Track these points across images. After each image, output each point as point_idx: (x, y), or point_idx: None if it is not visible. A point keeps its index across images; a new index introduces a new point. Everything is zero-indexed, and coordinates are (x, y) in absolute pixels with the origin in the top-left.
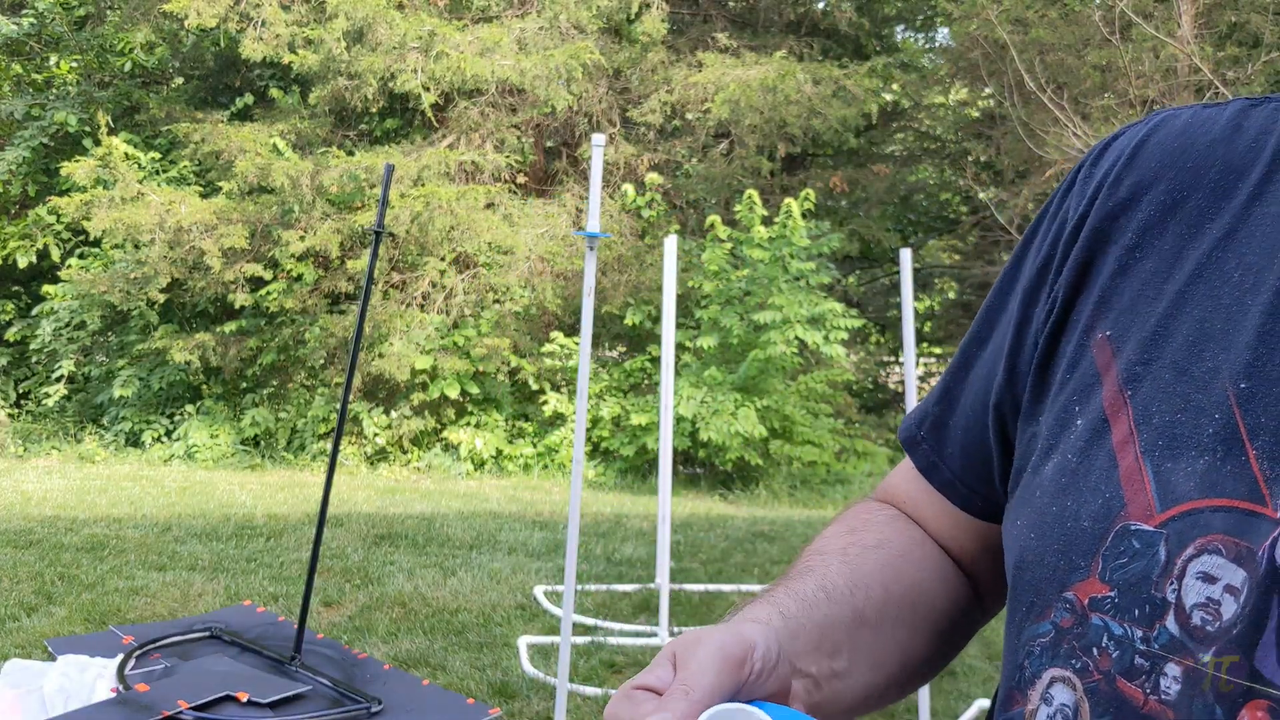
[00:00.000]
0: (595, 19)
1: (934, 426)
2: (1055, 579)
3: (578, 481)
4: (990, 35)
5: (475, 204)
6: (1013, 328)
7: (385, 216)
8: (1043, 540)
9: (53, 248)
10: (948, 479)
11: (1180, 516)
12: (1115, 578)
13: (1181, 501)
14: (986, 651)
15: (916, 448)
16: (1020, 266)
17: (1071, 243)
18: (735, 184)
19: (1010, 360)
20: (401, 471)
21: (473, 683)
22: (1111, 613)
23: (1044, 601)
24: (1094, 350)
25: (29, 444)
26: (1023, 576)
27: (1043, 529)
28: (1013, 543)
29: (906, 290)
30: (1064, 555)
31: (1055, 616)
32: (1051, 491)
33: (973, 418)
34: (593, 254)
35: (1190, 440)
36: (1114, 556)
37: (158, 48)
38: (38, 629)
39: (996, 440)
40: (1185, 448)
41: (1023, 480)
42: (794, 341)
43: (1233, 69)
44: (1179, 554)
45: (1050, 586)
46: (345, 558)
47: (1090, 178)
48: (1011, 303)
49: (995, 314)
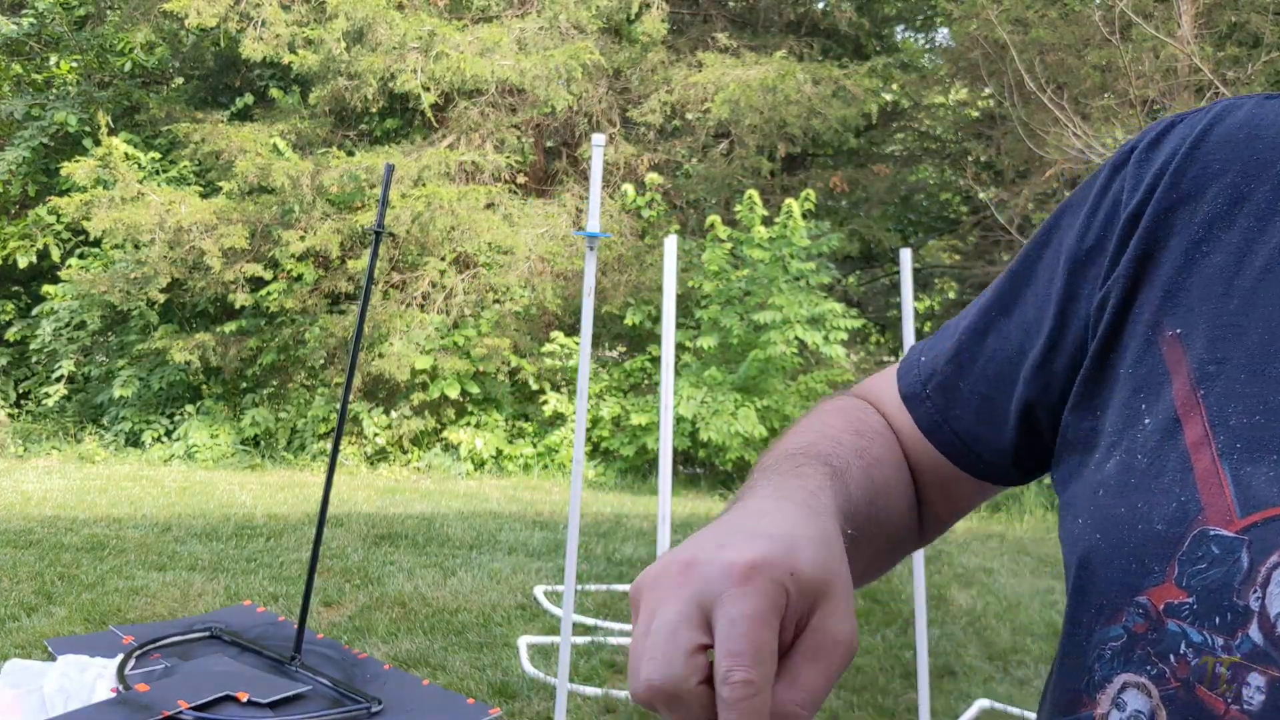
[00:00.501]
0: (595, 19)
1: (942, 387)
2: (1126, 582)
3: (578, 481)
4: (990, 35)
5: (475, 204)
6: (1055, 303)
7: (385, 216)
8: (1110, 541)
9: (53, 248)
10: (949, 439)
11: (1264, 523)
12: (1193, 584)
13: (1264, 507)
14: (987, 651)
15: (920, 404)
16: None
17: (1128, 231)
18: (735, 184)
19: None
20: (401, 471)
21: (473, 683)
22: (1189, 619)
23: (1113, 605)
24: (1162, 347)
25: (29, 444)
26: (1088, 577)
27: (1110, 530)
28: (1074, 541)
29: (906, 290)
30: (1136, 559)
31: (1128, 621)
32: (1117, 491)
33: (994, 388)
34: (593, 254)
35: (1271, 444)
36: (1191, 562)
37: (158, 48)
38: (38, 629)
39: (1019, 414)
40: (1265, 451)
41: (1079, 475)
42: (794, 342)
43: (1233, 69)
44: (1262, 561)
45: (1120, 590)
46: (345, 558)
47: (1146, 162)
48: (1043, 275)
49: (1020, 286)
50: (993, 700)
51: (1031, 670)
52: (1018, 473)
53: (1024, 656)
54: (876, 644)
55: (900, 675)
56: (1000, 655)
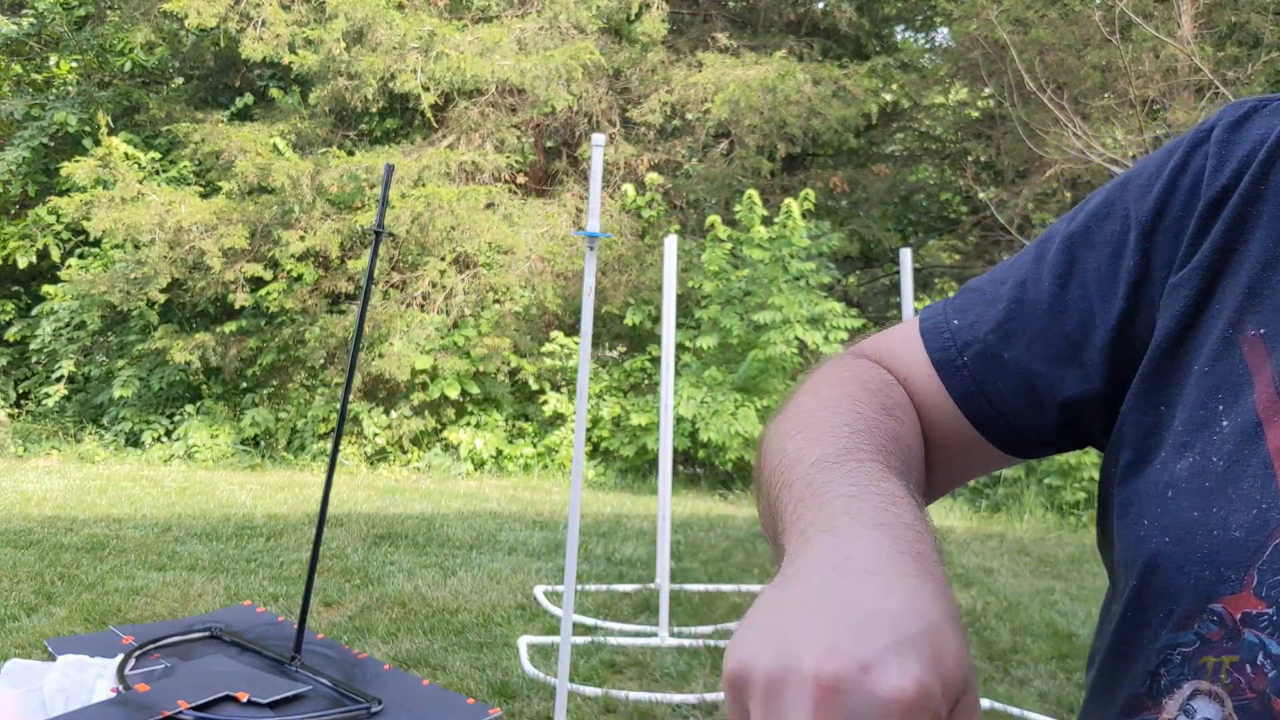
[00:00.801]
0: (595, 19)
1: (982, 355)
2: (1199, 589)
3: (578, 481)
4: (990, 35)
5: (475, 204)
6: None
7: (385, 216)
8: (1182, 546)
9: (53, 248)
10: (986, 412)
11: None
12: (1275, 594)
13: None
14: (987, 651)
15: (955, 372)
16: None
17: (1210, 217)
18: (735, 184)
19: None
20: (401, 471)
21: (473, 683)
22: (1269, 630)
23: (1185, 611)
24: (1244, 347)
25: (29, 444)
26: (1156, 581)
27: (1182, 534)
28: (1138, 542)
29: (906, 290)
30: (1210, 565)
31: (1200, 628)
32: (1190, 494)
33: (1046, 364)
34: (593, 254)
35: None
36: (1273, 572)
37: (158, 48)
38: (38, 629)
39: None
40: None
41: (1142, 472)
42: (794, 341)
43: (1233, 69)
44: None
45: (1192, 596)
46: (345, 558)
47: (1230, 144)
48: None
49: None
50: (993, 700)
51: (1031, 670)
52: (1051, 450)
53: (1024, 656)
54: None
55: None
56: (1000, 655)
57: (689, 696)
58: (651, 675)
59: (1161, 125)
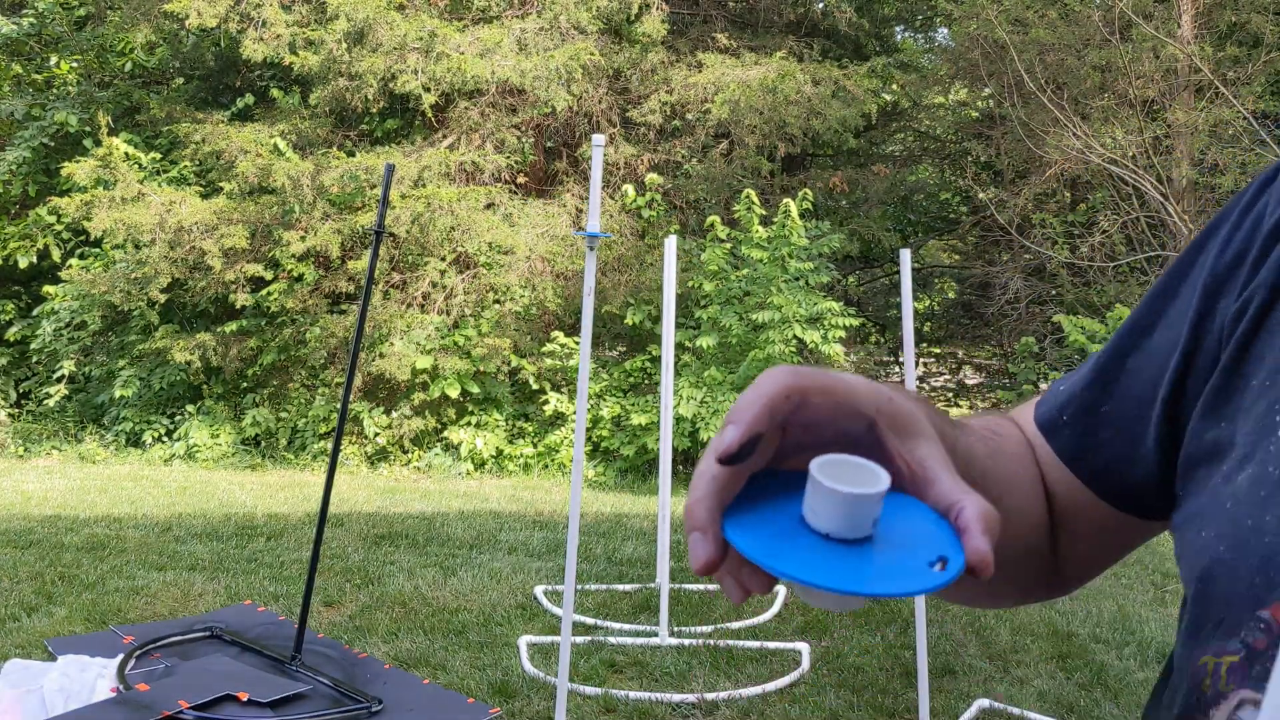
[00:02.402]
0: (595, 20)
1: (1082, 411)
2: (1250, 596)
3: (578, 481)
4: (990, 35)
5: (475, 204)
6: (1190, 321)
7: (385, 217)
8: (1237, 554)
9: (53, 248)
10: (1098, 468)
11: None
12: None
13: None
14: (986, 651)
15: (1058, 432)
16: (1198, 258)
17: (1273, 240)
18: (735, 184)
19: (1186, 355)
20: (402, 471)
21: (473, 682)
22: None
23: (1234, 619)
24: None
25: (29, 444)
26: (1210, 590)
27: (1238, 542)
28: (1196, 553)
29: (906, 290)
30: (1262, 572)
31: (1246, 636)
32: (1249, 503)
33: (1136, 409)
34: (593, 254)
35: None
36: None
37: (158, 48)
38: (38, 629)
39: (1159, 436)
40: None
41: (1206, 486)
42: (793, 341)
43: (1233, 69)
44: None
45: (1243, 603)
46: (346, 557)
47: None
48: (1186, 293)
49: (1163, 304)
50: (993, 700)
51: (1031, 670)
52: (1166, 503)
53: (1024, 656)
54: (876, 644)
55: (900, 675)
56: (1000, 655)
57: (689, 696)
58: (651, 675)
59: (1161, 125)
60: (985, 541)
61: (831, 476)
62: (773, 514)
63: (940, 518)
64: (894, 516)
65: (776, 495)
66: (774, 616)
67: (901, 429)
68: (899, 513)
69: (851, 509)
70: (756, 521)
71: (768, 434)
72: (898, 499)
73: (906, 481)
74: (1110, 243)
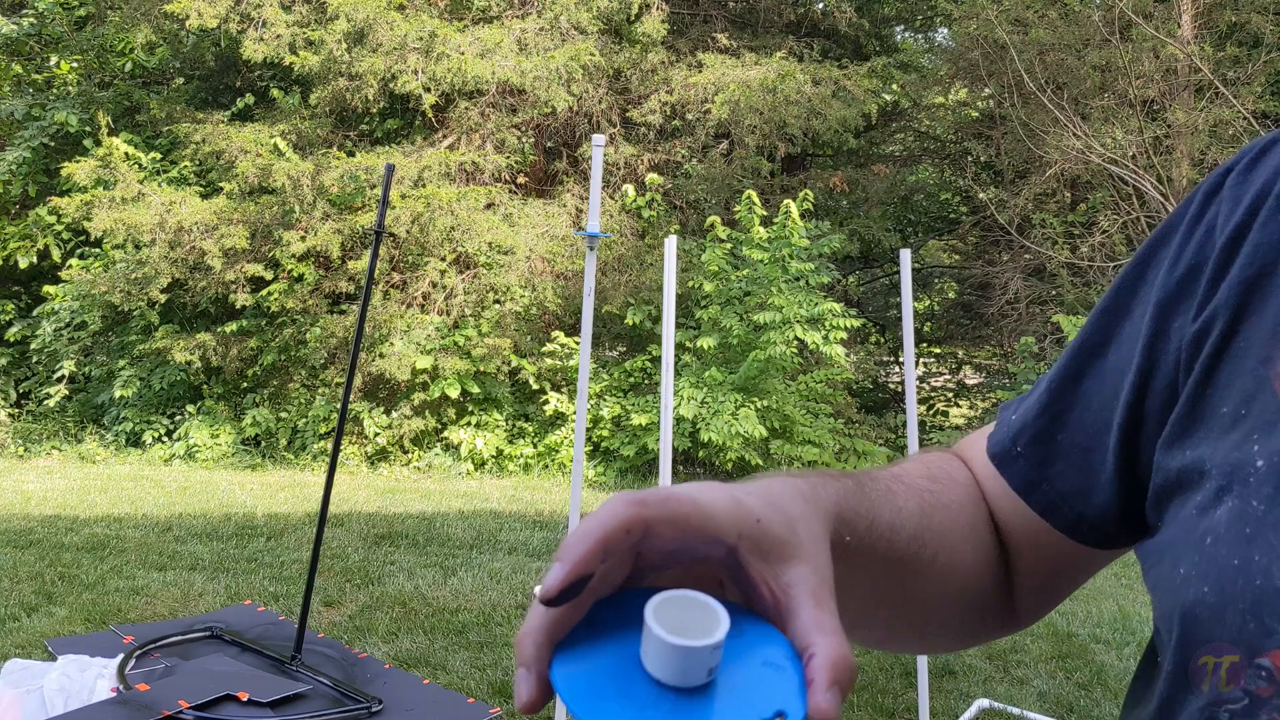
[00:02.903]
0: (595, 20)
1: (1036, 440)
2: (1241, 641)
3: (578, 481)
4: (990, 35)
5: (475, 204)
6: (1143, 341)
7: (386, 217)
8: (1223, 597)
9: (53, 248)
10: (1053, 500)
11: None
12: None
13: None
14: (986, 651)
15: (1012, 463)
16: (1147, 273)
17: (1228, 256)
18: (735, 184)
19: (1141, 377)
20: (402, 471)
21: (473, 682)
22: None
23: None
24: (1275, 384)
25: (29, 444)
26: (1197, 634)
27: (1221, 583)
28: (1172, 591)
29: (906, 290)
30: (1254, 617)
31: (1248, 684)
32: (1230, 541)
33: (1091, 438)
34: (593, 254)
35: None
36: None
37: (158, 48)
38: (38, 629)
39: (1117, 464)
40: None
41: (1177, 517)
42: (794, 342)
43: (1233, 69)
44: None
45: (1236, 649)
46: (346, 557)
47: (1245, 183)
48: (1138, 311)
49: (1114, 321)
50: (992, 700)
51: (1031, 670)
52: (1126, 533)
53: (1023, 656)
54: None
55: (900, 675)
56: (1000, 655)
57: None
58: None
59: (1161, 125)
60: (830, 697)
61: (669, 619)
62: (609, 652)
63: (796, 656)
64: (744, 653)
65: (616, 629)
66: None
67: (767, 553)
68: (751, 649)
69: (683, 659)
70: (589, 660)
71: (610, 564)
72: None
73: (769, 610)
74: (1110, 243)
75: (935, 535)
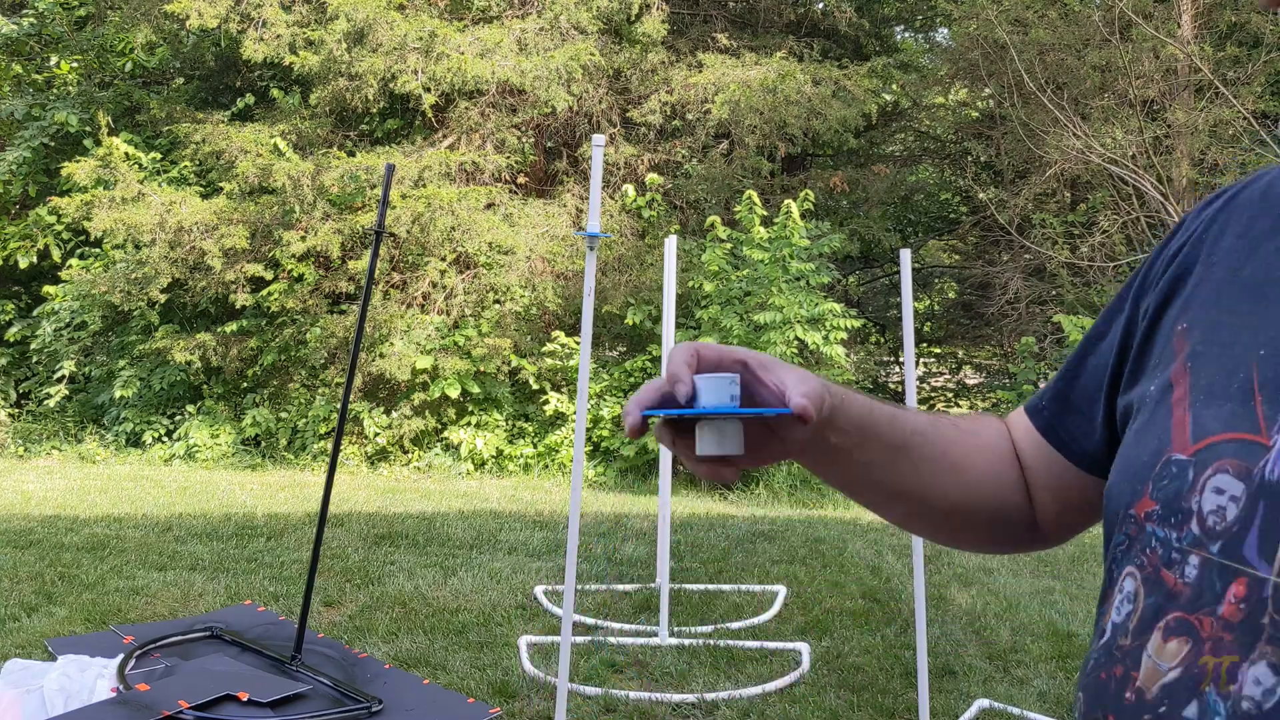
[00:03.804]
0: (595, 20)
1: (1055, 398)
2: (1125, 501)
3: (578, 481)
4: (990, 35)
5: (476, 204)
6: (1123, 324)
7: (386, 217)
8: (1120, 475)
9: (53, 248)
10: (1065, 438)
11: (1206, 448)
12: (1159, 495)
13: (1207, 436)
14: (986, 651)
15: (1039, 414)
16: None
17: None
18: (735, 184)
19: (1120, 350)
20: (402, 471)
21: (473, 682)
22: (1158, 521)
23: (1119, 520)
24: (1175, 339)
25: (29, 444)
26: (1109, 505)
27: (1122, 467)
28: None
29: (906, 290)
30: (1130, 484)
31: (1125, 529)
32: (1131, 441)
33: (1092, 393)
34: (593, 254)
35: (1221, 393)
36: (1159, 480)
37: (158, 48)
38: (38, 629)
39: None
40: (1217, 399)
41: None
42: (794, 342)
43: (1233, 69)
44: (1201, 475)
45: (1123, 508)
46: (346, 557)
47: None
48: (1126, 307)
49: (1113, 315)
50: (992, 700)
51: (1031, 670)
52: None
53: (1024, 656)
54: (876, 644)
55: (900, 675)
56: (1000, 655)
57: (689, 696)
58: (651, 675)
59: (1161, 125)
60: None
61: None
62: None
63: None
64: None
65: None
66: (774, 616)
67: (769, 368)
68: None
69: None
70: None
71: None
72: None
73: (774, 396)
74: (1110, 243)
75: (942, 439)
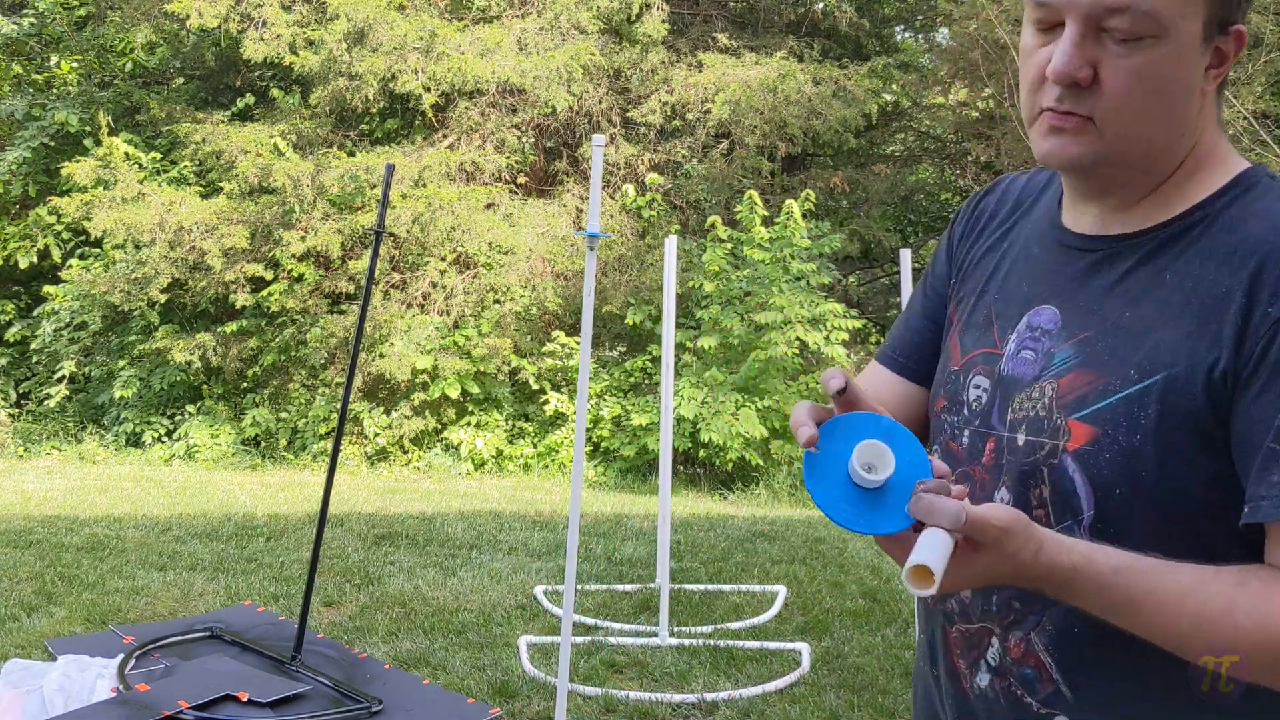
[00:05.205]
0: (595, 20)
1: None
2: (930, 402)
3: (578, 481)
4: (990, 35)
5: (476, 204)
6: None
7: (386, 217)
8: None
9: (53, 248)
10: (903, 365)
11: (968, 361)
12: (943, 394)
13: (968, 353)
14: None
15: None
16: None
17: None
18: (735, 184)
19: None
20: (402, 471)
21: (473, 682)
22: (944, 413)
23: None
24: (953, 301)
25: (29, 444)
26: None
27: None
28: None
29: (906, 290)
30: (933, 390)
31: (932, 422)
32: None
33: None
34: (593, 254)
35: (976, 325)
36: (942, 384)
37: (158, 48)
38: (38, 629)
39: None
40: (973, 329)
41: None
42: (795, 342)
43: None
44: (966, 377)
45: (930, 406)
46: (345, 557)
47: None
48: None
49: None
50: None
51: None
52: None
53: None
54: (877, 644)
55: (900, 675)
56: None
57: (689, 696)
58: (651, 675)
59: None
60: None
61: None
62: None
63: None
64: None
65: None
66: (774, 617)
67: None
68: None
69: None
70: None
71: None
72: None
73: None
74: None
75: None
